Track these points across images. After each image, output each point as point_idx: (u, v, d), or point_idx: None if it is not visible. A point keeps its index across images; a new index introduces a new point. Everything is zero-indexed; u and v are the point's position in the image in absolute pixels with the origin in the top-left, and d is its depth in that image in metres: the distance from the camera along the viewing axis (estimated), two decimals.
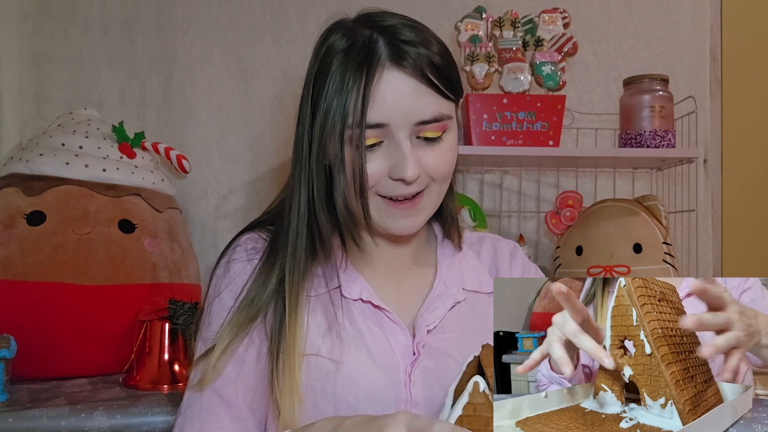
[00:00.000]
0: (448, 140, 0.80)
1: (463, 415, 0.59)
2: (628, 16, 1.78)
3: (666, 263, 1.44)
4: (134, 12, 1.71)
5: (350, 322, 0.82)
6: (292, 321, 0.78)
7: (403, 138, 0.76)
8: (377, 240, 0.88)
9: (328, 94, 0.76)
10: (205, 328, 0.83)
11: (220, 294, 0.84)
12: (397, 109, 0.75)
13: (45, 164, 1.39)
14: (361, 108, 0.74)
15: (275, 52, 1.73)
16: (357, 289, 0.84)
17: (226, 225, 1.70)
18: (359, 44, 0.76)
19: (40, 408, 1.12)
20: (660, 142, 1.45)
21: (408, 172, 0.75)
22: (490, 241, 0.97)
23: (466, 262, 0.92)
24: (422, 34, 0.79)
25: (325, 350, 0.79)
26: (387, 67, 0.75)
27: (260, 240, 0.87)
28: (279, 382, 0.76)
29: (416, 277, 0.90)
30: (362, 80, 0.74)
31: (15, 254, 1.29)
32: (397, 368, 0.80)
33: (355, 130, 0.74)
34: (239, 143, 1.73)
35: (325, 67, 0.78)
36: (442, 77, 0.77)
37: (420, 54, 0.76)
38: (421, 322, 0.83)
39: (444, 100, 0.78)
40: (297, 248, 0.81)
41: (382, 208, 0.80)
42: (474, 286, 0.90)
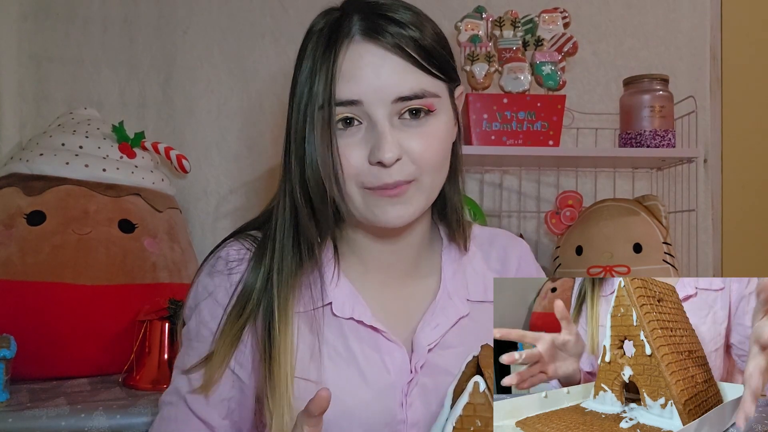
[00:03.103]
0: (435, 123, 0.73)
1: (463, 415, 0.59)
2: (628, 16, 1.78)
3: (666, 263, 1.44)
4: (134, 12, 1.71)
5: (342, 342, 0.77)
6: (282, 338, 0.73)
7: (381, 117, 0.70)
8: (365, 238, 0.81)
9: (300, 80, 0.72)
10: (185, 336, 0.81)
11: (200, 304, 0.80)
12: (369, 84, 0.69)
13: (45, 164, 1.39)
14: (330, 84, 0.68)
15: (275, 52, 1.73)
16: (349, 307, 0.77)
17: (226, 225, 1.70)
18: (331, 23, 0.72)
19: (40, 408, 1.11)
20: (660, 142, 1.45)
21: (386, 153, 0.69)
22: (501, 242, 0.91)
23: (472, 267, 0.86)
24: (415, 17, 0.73)
25: (314, 373, 0.74)
26: (356, 40, 0.70)
27: (243, 249, 0.80)
28: (269, 402, 0.72)
29: (417, 286, 0.83)
30: (331, 57, 0.69)
31: (15, 254, 1.29)
32: (392, 389, 0.76)
33: (326, 110, 0.69)
34: (239, 143, 1.72)
35: (301, 53, 0.74)
36: (427, 55, 0.71)
37: (403, 34, 0.70)
38: (422, 339, 0.78)
39: (429, 76, 0.72)
40: (284, 253, 0.75)
41: (366, 197, 0.73)
42: (479, 296, 0.84)
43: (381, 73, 0.70)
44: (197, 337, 0.80)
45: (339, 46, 0.70)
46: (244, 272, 0.78)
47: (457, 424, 0.58)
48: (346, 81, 0.70)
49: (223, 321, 0.77)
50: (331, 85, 0.69)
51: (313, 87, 0.70)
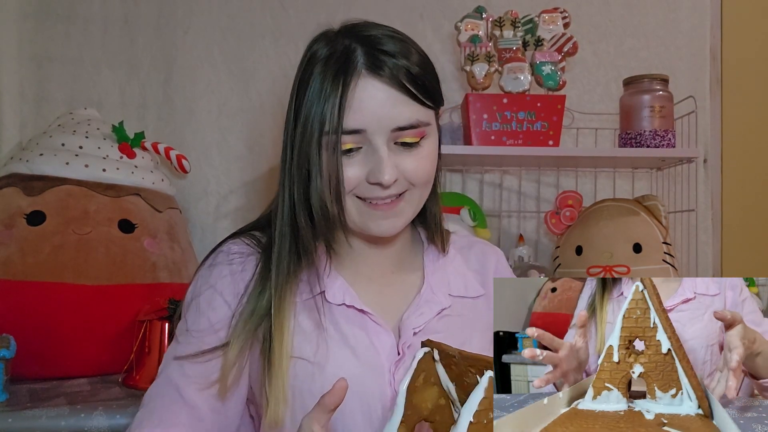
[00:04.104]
0: (426, 146, 0.82)
1: (479, 409, 0.59)
2: (628, 16, 1.78)
3: (666, 263, 1.44)
4: (134, 12, 1.71)
5: (334, 325, 0.83)
6: (278, 324, 0.79)
7: (381, 144, 0.78)
8: (358, 243, 0.89)
9: (307, 101, 0.79)
10: (181, 327, 0.84)
11: (199, 297, 0.84)
12: (373, 116, 0.77)
13: (45, 164, 1.39)
14: (338, 114, 0.76)
15: (275, 52, 1.73)
16: (340, 294, 0.85)
17: (226, 225, 1.70)
18: (338, 53, 0.79)
19: (40, 408, 1.12)
20: (660, 142, 1.45)
21: (385, 176, 0.77)
22: (479, 247, 0.99)
23: (453, 267, 0.93)
24: (402, 44, 0.81)
25: (309, 353, 0.81)
26: (363, 75, 0.77)
27: (244, 245, 0.87)
28: (267, 384, 0.77)
29: (401, 282, 0.91)
30: (339, 88, 0.77)
31: (15, 254, 1.29)
32: (381, 368, 0.82)
33: (332, 137, 0.77)
34: (239, 143, 1.73)
35: (306, 75, 0.80)
36: (420, 86, 0.79)
37: (398, 64, 0.78)
38: (408, 324, 0.85)
39: (421, 107, 0.80)
40: (281, 253, 0.83)
41: (362, 209, 0.82)
42: (460, 291, 0.91)
43: (383, 105, 0.78)
44: (195, 326, 0.83)
45: (348, 78, 0.77)
46: (244, 264, 0.84)
47: (474, 419, 0.59)
48: (353, 111, 0.77)
49: (236, 318, 0.81)
50: (339, 114, 0.76)
51: (323, 112, 0.77)
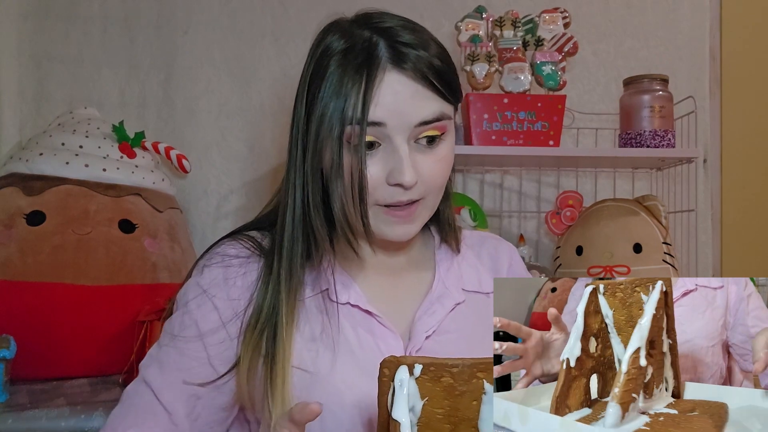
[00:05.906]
0: (445, 148, 0.78)
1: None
2: (628, 16, 1.78)
3: (666, 263, 1.44)
4: (134, 11, 1.71)
5: (337, 328, 0.79)
6: (289, 330, 0.76)
7: (401, 141, 0.74)
8: (373, 247, 0.85)
9: (324, 96, 0.74)
10: (168, 328, 0.81)
11: (189, 301, 0.80)
12: (395, 111, 0.74)
13: (45, 164, 1.39)
14: (362, 109, 0.72)
15: (275, 52, 1.73)
16: (345, 292, 0.80)
17: (226, 225, 1.70)
18: (358, 46, 0.75)
19: (40, 408, 1.12)
20: (660, 142, 1.45)
21: (406, 176, 0.73)
22: (491, 242, 0.95)
23: (465, 262, 0.90)
24: (421, 36, 0.77)
25: (309, 360, 0.77)
26: (388, 69, 0.74)
27: (242, 248, 0.83)
28: (270, 397, 0.73)
29: (413, 279, 0.87)
30: (362, 82, 0.73)
31: (15, 254, 1.29)
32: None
33: (355, 127, 0.72)
34: (239, 143, 1.72)
35: (321, 70, 0.76)
36: (443, 80, 0.76)
37: (420, 56, 0.74)
38: (420, 326, 0.81)
39: (444, 102, 0.77)
40: (293, 255, 0.78)
41: (378, 215, 0.78)
42: (474, 286, 0.88)
43: (405, 101, 0.74)
44: (182, 332, 0.79)
45: (372, 72, 0.73)
46: (242, 267, 0.80)
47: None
48: (374, 104, 0.73)
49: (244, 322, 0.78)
50: (363, 109, 0.72)
51: (344, 107, 0.73)
